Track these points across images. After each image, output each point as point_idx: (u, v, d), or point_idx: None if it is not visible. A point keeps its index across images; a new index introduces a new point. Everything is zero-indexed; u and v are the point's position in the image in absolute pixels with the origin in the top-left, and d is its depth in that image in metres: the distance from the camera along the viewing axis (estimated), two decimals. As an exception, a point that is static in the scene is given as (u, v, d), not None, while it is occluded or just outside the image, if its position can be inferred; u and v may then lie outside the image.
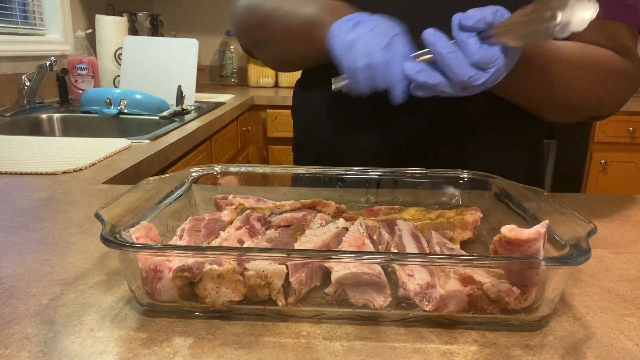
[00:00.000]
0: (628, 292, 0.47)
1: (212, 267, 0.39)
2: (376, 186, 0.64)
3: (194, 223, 0.51)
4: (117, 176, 0.87)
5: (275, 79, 2.86)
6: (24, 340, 0.37)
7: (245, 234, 0.49)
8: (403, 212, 0.60)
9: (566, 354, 0.37)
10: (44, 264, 0.50)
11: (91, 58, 1.99)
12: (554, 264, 0.39)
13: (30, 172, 0.84)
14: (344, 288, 0.41)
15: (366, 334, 0.39)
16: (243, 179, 0.64)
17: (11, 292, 0.44)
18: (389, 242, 0.49)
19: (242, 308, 0.41)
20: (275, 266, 0.39)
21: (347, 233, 0.49)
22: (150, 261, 0.40)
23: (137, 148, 1.11)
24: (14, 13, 1.88)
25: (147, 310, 0.41)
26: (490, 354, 0.37)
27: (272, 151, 2.48)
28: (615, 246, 0.58)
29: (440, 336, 0.39)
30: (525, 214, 0.51)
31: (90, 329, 0.39)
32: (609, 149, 2.65)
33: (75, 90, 1.96)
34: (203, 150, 1.59)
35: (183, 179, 0.58)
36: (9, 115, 1.56)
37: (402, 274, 0.41)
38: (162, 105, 1.70)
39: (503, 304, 0.39)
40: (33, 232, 0.58)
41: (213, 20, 2.97)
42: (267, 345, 0.37)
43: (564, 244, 0.41)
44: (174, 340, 0.38)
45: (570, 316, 0.43)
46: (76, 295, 0.44)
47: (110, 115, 1.62)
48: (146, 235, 0.43)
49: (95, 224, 0.60)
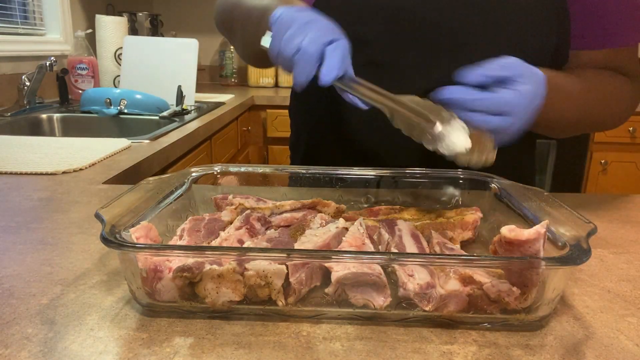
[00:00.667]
0: (628, 292, 0.47)
1: (212, 267, 0.39)
2: (376, 186, 0.64)
3: (194, 223, 0.51)
4: (117, 176, 0.87)
5: (275, 79, 2.86)
6: (24, 340, 0.37)
7: (245, 234, 0.49)
8: (403, 212, 0.60)
9: (566, 354, 0.37)
10: (44, 264, 0.50)
11: (91, 58, 1.99)
12: (554, 264, 0.39)
13: (30, 172, 0.84)
14: (344, 288, 0.41)
15: (366, 334, 0.39)
16: (243, 179, 0.64)
17: (11, 292, 0.44)
18: (389, 242, 0.49)
19: (242, 308, 0.41)
20: (275, 266, 0.39)
21: (347, 233, 0.49)
22: (150, 261, 0.40)
23: (137, 148, 1.11)
24: (14, 13, 1.88)
25: (147, 310, 0.41)
26: (490, 354, 0.37)
27: (272, 151, 2.48)
28: (615, 246, 0.58)
29: (440, 336, 0.39)
30: (525, 214, 0.51)
31: (90, 329, 0.39)
32: (609, 149, 2.64)
33: (75, 90, 1.96)
34: (203, 150, 1.59)
35: (183, 179, 0.58)
36: (9, 115, 1.56)
37: (402, 274, 0.41)
38: (162, 105, 1.70)
39: (503, 304, 0.39)
40: (33, 232, 0.58)
41: (213, 20, 2.97)
42: (267, 345, 0.37)
43: (564, 244, 0.41)
44: (174, 340, 0.38)
45: (570, 316, 0.43)
46: (76, 295, 0.44)
47: (110, 115, 1.62)
48: (146, 235, 0.43)
49: (95, 224, 0.60)
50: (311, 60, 0.53)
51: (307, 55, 0.53)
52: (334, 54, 0.53)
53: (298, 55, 0.53)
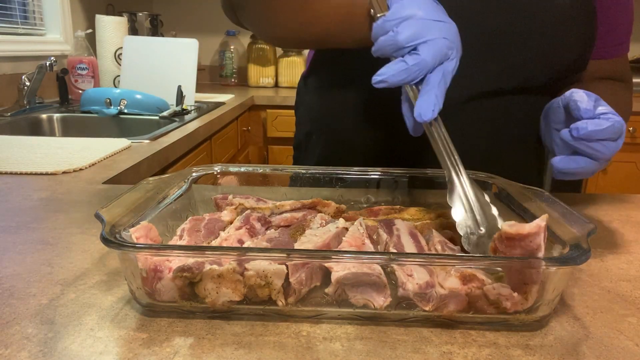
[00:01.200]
0: (628, 292, 0.47)
1: (212, 267, 0.39)
2: (376, 186, 0.64)
3: (194, 223, 0.51)
4: (117, 176, 0.87)
5: (275, 79, 2.86)
6: (24, 340, 0.37)
7: (245, 234, 0.49)
8: (403, 212, 0.60)
9: (566, 354, 0.37)
10: (44, 264, 0.50)
11: (91, 58, 1.99)
12: (554, 264, 0.39)
13: (30, 172, 0.84)
14: (344, 288, 0.40)
15: (366, 334, 0.39)
16: (243, 179, 0.64)
17: (11, 292, 0.44)
18: (387, 242, 0.49)
19: (242, 308, 0.41)
20: (275, 266, 0.39)
21: (347, 233, 0.49)
22: (150, 261, 0.40)
23: (137, 148, 1.11)
24: (14, 13, 1.88)
25: (147, 310, 0.41)
26: (490, 354, 0.37)
27: (272, 151, 2.48)
28: (615, 246, 0.58)
29: (440, 336, 0.39)
30: (525, 214, 0.51)
31: (90, 329, 0.39)
32: (609, 149, 2.64)
33: (75, 90, 1.96)
34: (203, 150, 1.59)
35: (183, 179, 0.58)
36: (9, 115, 1.56)
37: (401, 273, 0.41)
38: (162, 105, 1.70)
39: (501, 308, 0.39)
40: (33, 232, 0.58)
41: (213, 20, 2.97)
42: (267, 345, 0.37)
43: (564, 244, 0.41)
44: (174, 340, 0.38)
45: (570, 316, 0.43)
46: (76, 295, 0.44)
47: (110, 115, 1.62)
48: (146, 235, 0.43)
49: (95, 224, 0.60)
50: (420, 73, 0.48)
51: (422, 66, 0.48)
52: (441, 84, 0.49)
53: (412, 60, 0.48)
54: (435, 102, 0.49)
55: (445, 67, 0.50)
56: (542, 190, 0.54)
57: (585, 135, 0.53)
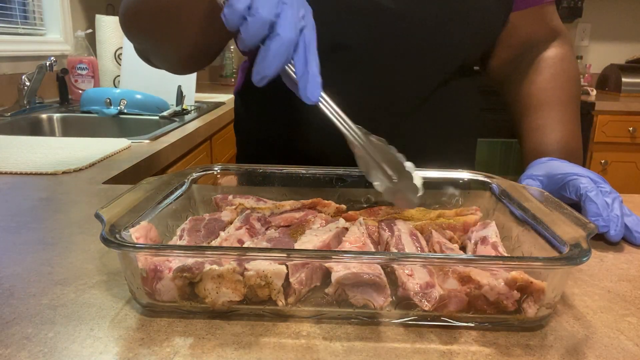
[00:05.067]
0: (628, 292, 0.47)
1: (212, 267, 0.39)
2: (376, 186, 0.63)
3: (194, 223, 0.51)
4: (117, 176, 0.87)
5: (275, 79, 2.86)
6: (24, 340, 0.37)
7: (245, 234, 0.49)
8: (403, 212, 0.60)
9: (566, 354, 0.37)
10: (44, 264, 0.50)
11: (91, 58, 1.99)
12: (554, 264, 0.39)
13: (30, 172, 0.84)
14: (344, 288, 0.40)
15: (366, 334, 0.39)
16: (243, 179, 0.64)
17: (11, 292, 0.44)
18: (388, 242, 0.49)
19: (242, 308, 0.41)
20: (275, 266, 0.39)
21: (347, 233, 0.49)
22: (150, 261, 0.40)
23: (137, 148, 1.11)
24: (14, 13, 1.88)
25: (147, 310, 0.41)
26: (490, 354, 0.37)
27: (272, 151, 2.48)
28: (615, 246, 0.58)
29: (440, 336, 0.39)
30: (525, 214, 0.51)
31: (90, 329, 0.39)
32: (609, 149, 2.65)
33: (75, 90, 1.96)
34: (203, 150, 1.59)
35: (183, 179, 0.58)
36: (9, 115, 1.56)
37: (402, 273, 0.41)
38: (162, 105, 1.70)
39: (502, 307, 0.39)
40: (33, 232, 0.58)
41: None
42: (267, 345, 0.37)
43: (564, 244, 0.41)
44: (174, 340, 0.38)
45: (570, 316, 0.43)
46: (76, 295, 0.44)
47: (110, 115, 1.62)
48: (146, 235, 0.43)
49: (95, 224, 0.60)
50: (289, 52, 0.44)
51: (287, 44, 0.44)
52: (310, 58, 0.45)
53: (273, 43, 0.44)
54: (313, 80, 0.46)
55: (305, 37, 0.46)
56: (542, 190, 0.54)
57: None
